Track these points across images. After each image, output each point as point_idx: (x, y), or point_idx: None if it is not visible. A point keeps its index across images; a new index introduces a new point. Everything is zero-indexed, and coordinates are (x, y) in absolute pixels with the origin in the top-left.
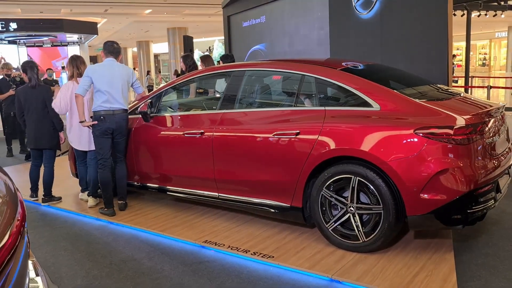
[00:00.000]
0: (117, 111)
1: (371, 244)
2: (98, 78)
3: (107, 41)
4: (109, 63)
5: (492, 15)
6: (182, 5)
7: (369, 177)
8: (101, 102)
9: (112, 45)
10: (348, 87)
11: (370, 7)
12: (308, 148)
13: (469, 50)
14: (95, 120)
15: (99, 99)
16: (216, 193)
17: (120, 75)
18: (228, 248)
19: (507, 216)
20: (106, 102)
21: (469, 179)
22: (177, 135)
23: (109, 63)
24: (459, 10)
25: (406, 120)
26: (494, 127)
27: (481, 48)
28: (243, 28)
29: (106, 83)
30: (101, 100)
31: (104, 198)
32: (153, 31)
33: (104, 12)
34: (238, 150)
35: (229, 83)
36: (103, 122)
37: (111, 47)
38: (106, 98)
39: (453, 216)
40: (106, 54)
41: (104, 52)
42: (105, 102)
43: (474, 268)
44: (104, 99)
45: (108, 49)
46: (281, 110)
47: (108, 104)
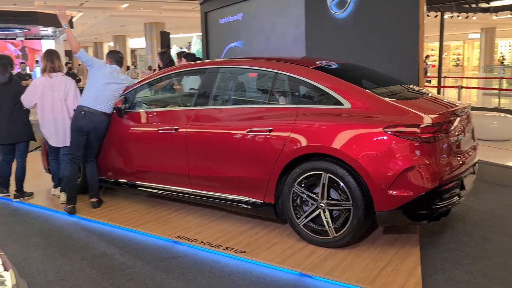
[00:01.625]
0: (99, 113)
1: (340, 240)
2: (99, 74)
3: (114, 51)
4: (114, 70)
5: (465, 17)
6: (160, 1)
7: (339, 174)
8: (89, 99)
9: (120, 56)
10: (320, 86)
11: (344, 7)
12: (280, 145)
13: (442, 50)
14: (76, 114)
15: (89, 95)
16: (190, 189)
17: (118, 83)
18: (200, 243)
19: (472, 213)
20: (94, 100)
21: (435, 176)
22: (152, 131)
23: (114, 69)
24: (432, 11)
25: (376, 119)
26: (459, 126)
27: (455, 49)
28: (220, 25)
29: (103, 82)
30: (91, 97)
31: (67, 194)
32: (129, 25)
33: (80, 5)
34: (212, 146)
35: (203, 80)
36: (82, 118)
37: (119, 57)
38: (95, 96)
39: (419, 212)
40: (112, 62)
41: (110, 60)
42: (93, 100)
43: (439, 262)
44: (93, 97)
45: (115, 59)
46: (255, 108)
47: (94, 103)
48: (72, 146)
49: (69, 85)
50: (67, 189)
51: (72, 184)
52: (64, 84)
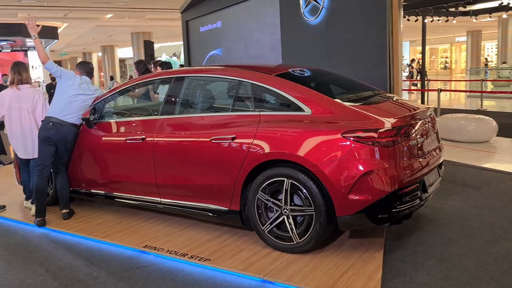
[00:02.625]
0: (67, 124)
1: (304, 245)
2: (69, 85)
3: (84, 62)
4: (84, 81)
5: (445, 20)
6: (144, 10)
7: (300, 180)
8: (57, 110)
9: (90, 67)
10: (281, 92)
11: (317, 13)
12: (243, 152)
13: (424, 54)
14: (44, 124)
15: (57, 106)
16: (158, 198)
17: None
18: (167, 252)
19: (441, 214)
20: (62, 111)
21: (393, 179)
22: (120, 141)
23: (84, 80)
24: (412, 15)
25: (336, 124)
26: (421, 129)
27: (443, 52)
28: (200, 33)
29: (72, 93)
30: (59, 108)
31: (36, 206)
32: (117, 35)
33: (64, 16)
34: (177, 155)
35: (170, 88)
36: (50, 129)
37: (89, 68)
38: (63, 107)
39: (380, 216)
40: (82, 73)
41: (80, 71)
42: (61, 111)
43: (402, 265)
44: (61, 108)
45: (85, 70)
46: (219, 115)
47: (62, 114)
48: (41, 157)
49: (37, 96)
50: (36, 201)
51: (41, 196)
52: (33, 95)
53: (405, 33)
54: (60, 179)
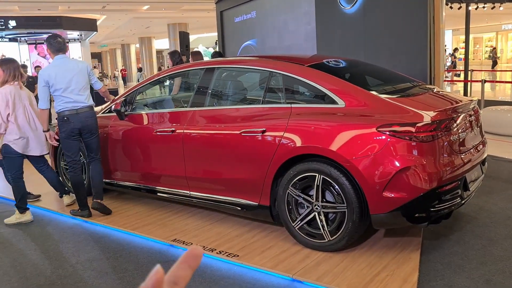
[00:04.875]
0: (81, 110)
1: (336, 243)
2: (55, 82)
3: (49, 38)
4: (62, 62)
5: (491, 7)
6: (180, 1)
7: (333, 175)
8: (63, 103)
9: (58, 41)
10: (313, 84)
11: (353, 2)
12: (273, 146)
13: (468, 43)
14: (60, 121)
15: (61, 100)
16: (187, 191)
17: (77, 71)
18: None
19: (483, 213)
20: (68, 102)
21: (431, 176)
22: (150, 133)
23: (62, 62)
24: (456, 3)
25: (370, 118)
26: (463, 123)
27: (488, 41)
28: (235, 24)
29: (65, 83)
30: (63, 101)
31: (78, 200)
32: (154, 27)
33: (102, 8)
34: (207, 148)
35: (199, 80)
36: (68, 123)
37: (58, 43)
38: (68, 99)
39: (416, 215)
40: (55, 52)
41: (51, 50)
42: (67, 103)
43: (440, 267)
44: (65, 100)
45: (56, 46)
46: (249, 108)
47: (71, 104)
48: (68, 154)
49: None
50: (76, 196)
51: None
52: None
53: (447, 22)
54: (93, 166)
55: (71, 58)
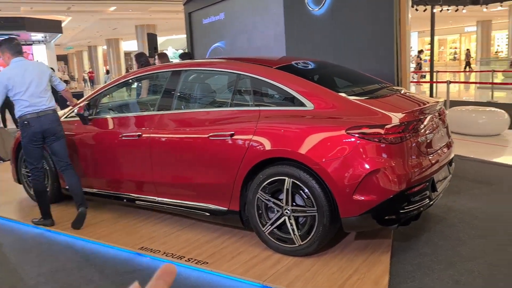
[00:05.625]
0: (43, 113)
1: (307, 248)
2: (15, 84)
3: (5, 41)
4: (21, 64)
5: (454, 10)
6: (147, 2)
7: (302, 179)
8: (23, 107)
9: (15, 44)
10: (282, 86)
11: (321, 3)
12: (242, 150)
13: (433, 45)
14: (21, 126)
15: (21, 104)
16: (155, 197)
17: (37, 73)
18: (163, 254)
19: (451, 214)
20: (29, 106)
21: (401, 178)
22: (116, 138)
23: (20, 65)
24: (421, 5)
25: (339, 120)
26: (430, 124)
27: (452, 42)
28: (203, 25)
29: (24, 86)
30: (23, 105)
31: (40, 208)
32: (121, 28)
33: (67, 10)
34: (175, 152)
35: (167, 83)
36: (28, 127)
37: (16, 46)
38: (28, 102)
39: (386, 217)
40: (13, 54)
41: (10, 53)
42: (28, 107)
43: (410, 268)
44: (25, 104)
45: (14, 49)
46: (217, 111)
47: (31, 107)
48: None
49: None
50: (39, 204)
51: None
52: None
53: (413, 24)
54: (68, 174)
55: (29, 61)
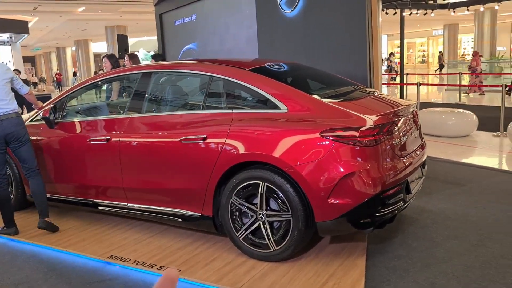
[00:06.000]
0: (4, 116)
1: (282, 253)
2: None
3: None
4: None
5: (423, 13)
6: (117, 3)
7: (277, 183)
8: None
9: None
10: (255, 89)
11: (294, 5)
12: (215, 154)
13: (403, 48)
14: None
15: None
16: (125, 203)
17: None
18: (133, 263)
19: (424, 215)
20: None
21: (376, 181)
22: (84, 142)
23: None
24: (391, 8)
25: (313, 123)
26: (404, 126)
27: (420, 45)
28: (175, 27)
29: None
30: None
31: (3, 216)
32: (90, 29)
33: (34, 10)
34: (145, 156)
35: (137, 85)
36: None
37: None
38: None
39: (362, 220)
40: None
41: None
42: None
43: (385, 272)
44: None
45: None
46: (189, 114)
47: None
48: None
49: None
50: (1, 212)
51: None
52: None
53: (383, 27)
54: (33, 181)
55: None
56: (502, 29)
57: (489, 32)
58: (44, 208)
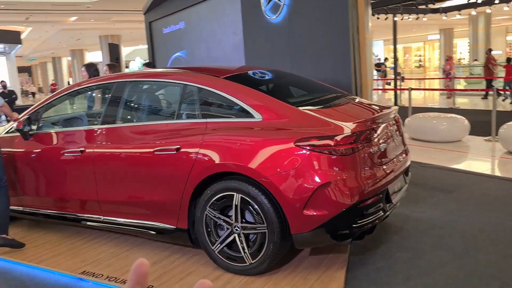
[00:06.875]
0: None
1: (258, 266)
2: None
3: None
4: None
5: (415, 18)
6: (108, 12)
7: (251, 194)
8: None
9: None
10: (228, 97)
11: (278, 11)
12: (189, 165)
13: (396, 53)
14: None
15: None
16: (100, 216)
17: None
18: (106, 279)
19: (410, 223)
20: None
21: (353, 191)
22: (58, 154)
23: None
24: (382, 13)
25: (288, 131)
26: (384, 133)
27: (417, 50)
28: (164, 35)
29: None
30: None
31: None
32: (85, 39)
33: (26, 20)
34: (119, 168)
35: (111, 95)
36: None
37: None
38: None
39: (339, 232)
40: None
41: None
42: None
43: (365, 285)
44: None
45: None
46: (162, 124)
47: None
48: None
49: None
50: None
51: None
52: None
53: (378, 32)
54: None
55: None
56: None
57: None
58: (3, 224)
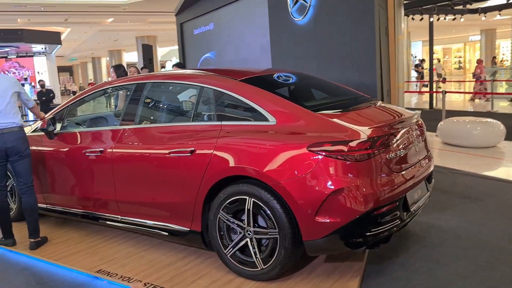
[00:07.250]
0: (7, 130)
1: (269, 272)
2: None
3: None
4: None
5: (452, 19)
6: (144, 13)
7: (263, 198)
8: None
9: None
10: (244, 99)
11: (304, 12)
12: (203, 167)
13: (432, 54)
14: None
15: None
16: (118, 216)
17: (4, 87)
18: (119, 278)
19: (433, 232)
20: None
21: (366, 198)
22: (79, 153)
23: None
24: (417, 14)
25: (302, 136)
26: (404, 138)
27: (457, 51)
28: (194, 36)
29: None
30: None
31: (1, 227)
32: (122, 40)
33: (65, 21)
34: (136, 169)
35: (130, 96)
36: None
37: None
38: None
39: (352, 240)
40: None
41: None
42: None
43: None
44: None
45: None
46: (179, 126)
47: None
48: None
49: None
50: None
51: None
52: None
53: (417, 33)
54: (26, 198)
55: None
56: None
57: None
58: (35, 228)
